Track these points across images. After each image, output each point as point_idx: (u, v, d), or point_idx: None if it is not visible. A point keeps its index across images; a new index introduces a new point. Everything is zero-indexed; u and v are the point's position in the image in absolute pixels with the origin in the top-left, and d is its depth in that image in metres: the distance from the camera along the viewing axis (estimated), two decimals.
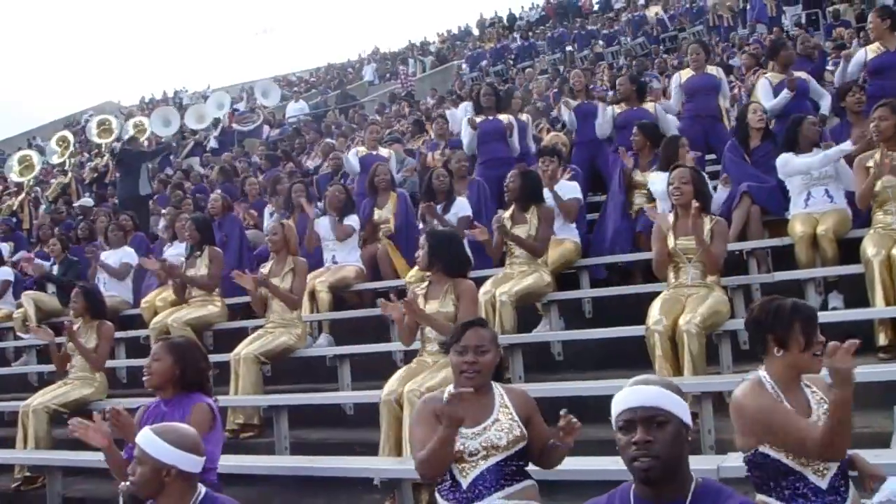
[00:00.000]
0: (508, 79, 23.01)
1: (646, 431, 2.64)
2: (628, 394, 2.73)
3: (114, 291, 9.94)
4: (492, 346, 3.82)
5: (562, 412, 3.54)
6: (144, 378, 4.72)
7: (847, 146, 6.72)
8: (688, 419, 2.72)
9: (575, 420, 3.51)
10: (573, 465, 4.01)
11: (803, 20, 20.60)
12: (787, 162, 6.93)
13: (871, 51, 8.39)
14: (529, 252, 6.92)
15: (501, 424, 3.69)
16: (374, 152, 10.36)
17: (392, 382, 5.61)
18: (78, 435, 4.28)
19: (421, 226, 8.00)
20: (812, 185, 6.80)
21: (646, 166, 8.00)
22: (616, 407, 2.74)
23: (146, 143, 18.10)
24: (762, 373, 3.35)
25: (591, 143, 9.47)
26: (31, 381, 9.53)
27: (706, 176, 6.88)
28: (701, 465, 4.11)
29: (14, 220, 16.36)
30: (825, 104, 8.73)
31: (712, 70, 9.50)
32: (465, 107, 11.76)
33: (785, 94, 8.39)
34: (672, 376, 5.38)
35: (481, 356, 3.74)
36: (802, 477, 3.18)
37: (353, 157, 10.45)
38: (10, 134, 34.80)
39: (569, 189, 7.75)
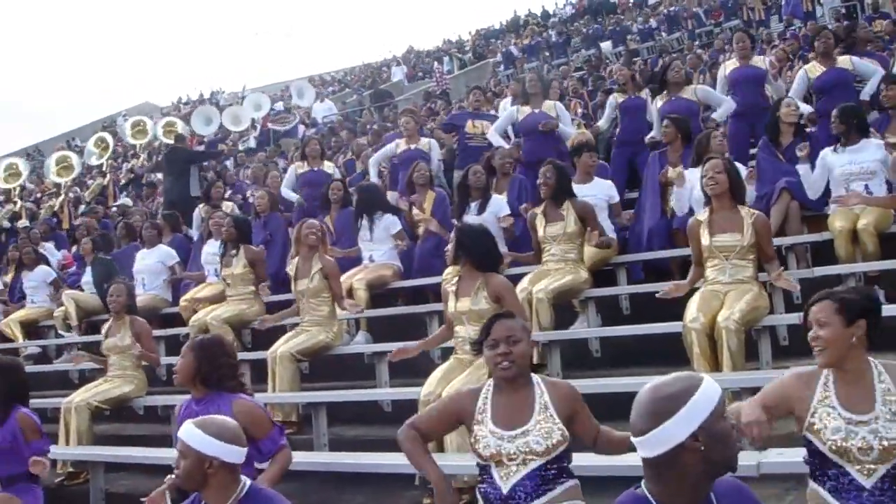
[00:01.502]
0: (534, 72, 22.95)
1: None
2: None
3: (153, 290, 10.06)
4: (524, 334, 3.76)
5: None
6: (173, 375, 4.80)
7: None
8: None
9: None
10: (606, 462, 3.97)
11: (842, 12, 20.39)
12: (822, 163, 6.94)
13: None
14: (603, 248, 7.15)
15: (541, 428, 3.60)
16: (413, 146, 10.25)
17: (430, 383, 5.62)
18: None
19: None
20: (852, 179, 6.72)
21: (677, 161, 7.94)
22: None
23: (190, 143, 18.28)
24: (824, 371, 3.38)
25: (631, 143, 9.45)
26: (72, 379, 9.66)
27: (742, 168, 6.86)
28: (741, 461, 4.08)
29: (55, 220, 16.61)
30: (866, 90, 8.49)
31: (758, 60, 9.28)
32: (505, 103, 11.73)
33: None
34: (710, 372, 5.36)
35: (514, 346, 3.68)
36: (844, 472, 3.16)
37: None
38: (50, 136, 35.21)
39: (611, 188, 7.74)
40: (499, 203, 8.09)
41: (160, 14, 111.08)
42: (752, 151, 8.84)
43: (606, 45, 25.80)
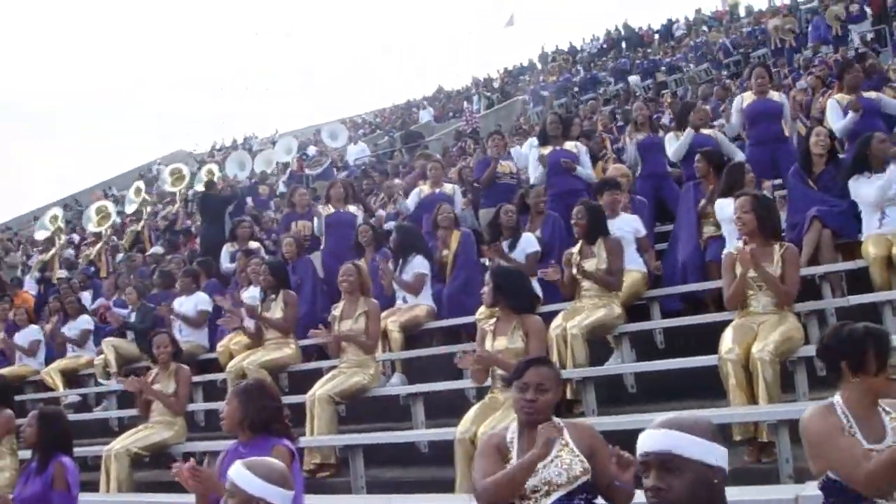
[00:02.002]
0: (572, 111, 23.06)
1: (658, 478, 2.50)
2: (643, 436, 2.59)
3: (190, 336, 10.16)
4: (553, 384, 3.82)
5: (612, 448, 3.44)
6: (220, 422, 4.88)
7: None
8: (717, 461, 2.51)
9: (626, 454, 3.33)
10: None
11: (871, 37, 20.35)
12: (855, 190, 6.87)
13: None
14: (604, 286, 6.94)
15: (562, 461, 3.65)
16: (438, 190, 10.39)
17: (466, 421, 5.65)
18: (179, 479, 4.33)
19: (487, 262, 8.04)
20: (886, 204, 6.66)
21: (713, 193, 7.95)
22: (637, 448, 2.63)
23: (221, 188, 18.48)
24: (836, 398, 3.34)
25: (654, 176, 9.53)
26: (111, 426, 9.75)
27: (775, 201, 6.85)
28: (779, 494, 4.06)
29: (92, 268, 16.83)
30: None
31: (775, 95, 9.33)
32: (531, 142, 11.80)
33: (852, 115, 8.28)
34: (747, 405, 5.34)
35: (541, 395, 3.75)
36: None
37: (411, 199, 10.53)
38: (86, 185, 35.74)
39: (632, 222, 7.75)
40: (528, 241, 8.11)
41: (160, 13, 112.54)
42: (777, 181, 8.87)
43: (634, 79, 25.90)
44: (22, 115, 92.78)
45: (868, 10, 22.62)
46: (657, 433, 2.52)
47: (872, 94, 8.62)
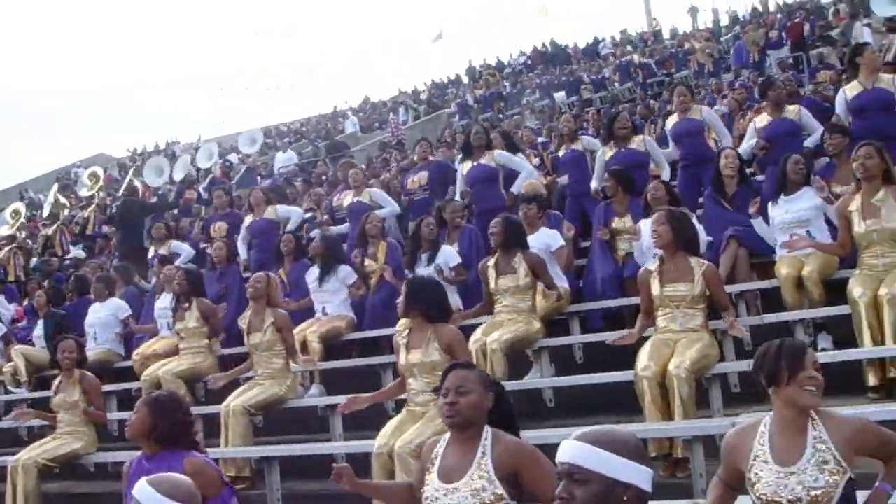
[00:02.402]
0: (498, 125, 23.21)
1: (566, 488, 2.50)
2: (560, 446, 2.59)
3: (105, 344, 9.93)
4: (475, 386, 3.66)
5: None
6: (125, 431, 4.72)
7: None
8: (628, 478, 2.48)
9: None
10: None
11: (789, 62, 20.90)
12: (770, 211, 7.11)
13: (850, 90, 8.33)
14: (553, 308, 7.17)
15: (472, 486, 3.51)
16: (359, 198, 10.36)
17: (384, 435, 5.62)
18: None
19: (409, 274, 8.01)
20: (793, 227, 6.82)
21: (623, 212, 8.06)
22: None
23: (143, 195, 18.14)
24: (768, 415, 3.43)
25: (579, 192, 9.60)
26: (21, 436, 9.47)
27: (694, 216, 6.97)
28: None
29: (2, 271, 16.34)
30: (812, 139, 8.52)
31: (697, 113, 9.26)
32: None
33: (754, 143, 8.46)
34: (662, 421, 5.41)
35: (462, 397, 3.61)
36: None
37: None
38: (3, 186, 34.91)
39: (552, 237, 7.79)
40: (448, 253, 8.10)
41: (160, 13, 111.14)
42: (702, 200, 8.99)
43: (560, 95, 26.17)
44: (22, 115, 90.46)
45: (786, 37, 23.32)
46: (571, 444, 2.53)
47: (793, 110, 8.70)
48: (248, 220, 10.83)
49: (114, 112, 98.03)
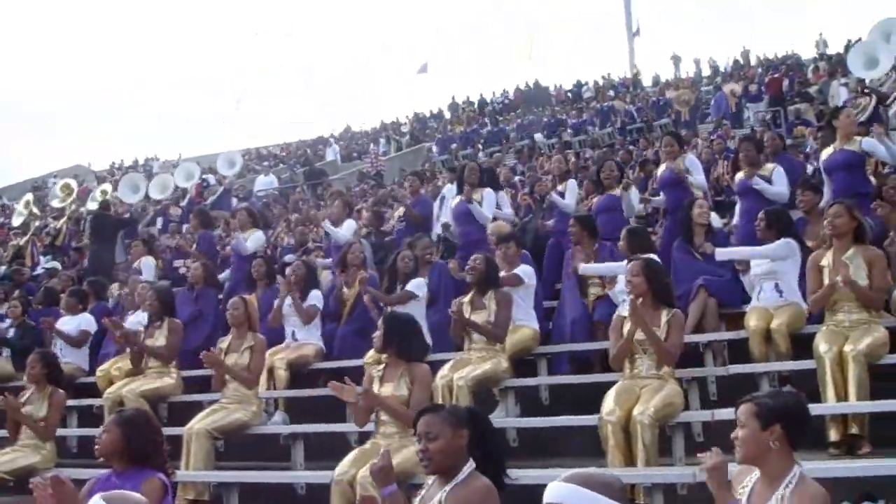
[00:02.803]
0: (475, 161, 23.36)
1: None
2: (548, 487, 2.70)
3: (69, 358, 9.84)
4: (444, 429, 3.75)
5: None
6: (95, 449, 4.69)
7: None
8: None
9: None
10: None
11: (767, 117, 21.19)
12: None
13: (825, 153, 8.53)
14: (488, 338, 6.97)
15: None
16: (339, 228, 10.37)
17: (345, 464, 5.60)
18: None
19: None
20: (762, 279, 6.90)
21: (589, 256, 8.11)
22: None
23: (115, 210, 18.04)
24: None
25: (563, 232, 9.38)
26: None
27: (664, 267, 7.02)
28: None
29: None
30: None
31: (682, 162, 9.26)
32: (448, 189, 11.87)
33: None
34: (625, 467, 5.42)
35: (431, 442, 3.72)
36: None
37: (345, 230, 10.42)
38: None
39: (528, 275, 7.82)
40: (417, 284, 8.10)
41: (160, 13, 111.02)
42: None
43: (540, 137, 26.36)
44: (22, 115, 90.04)
45: (765, 91, 23.68)
46: (559, 485, 2.66)
47: (769, 168, 8.76)
48: (231, 239, 10.86)
49: (114, 112, 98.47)
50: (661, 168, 9.53)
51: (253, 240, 10.63)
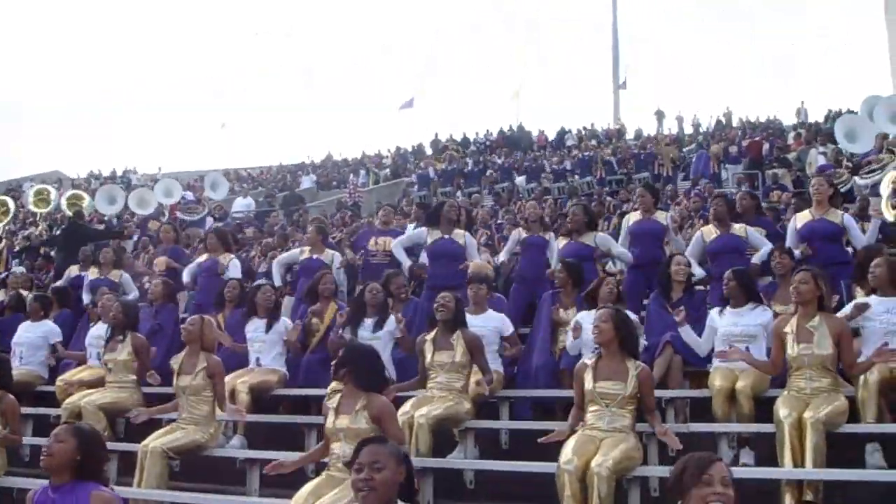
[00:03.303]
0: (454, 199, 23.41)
1: None
2: None
3: (30, 365, 9.75)
4: (389, 461, 3.67)
5: None
6: (42, 458, 4.53)
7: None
8: None
9: None
10: None
11: (743, 180, 21.43)
12: (711, 322, 7.28)
13: (800, 219, 8.70)
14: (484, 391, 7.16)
15: None
16: (317, 255, 10.37)
17: (300, 496, 5.55)
18: None
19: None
20: (733, 341, 6.96)
21: (569, 304, 8.16)
22: None
23: (89, 220, 17.97)
24: None
25: (532, 278, 9.49)
26: None
27: (635, 317, 7.07)
28: None
29: None
30: (758, 256, 8.72)
31: (660, 216, 9.50)
32: (410, 227, 11.89)
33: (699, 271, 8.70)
34: None
35: (376, 473, 3.62)
36: None
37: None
38: None
39: (503, 322, 7.85)
40: (393, 322, 8.10)
41: (160, 13, 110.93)
42: (646, 302, 9.11)
43: (520, 180, 26.50)
44: (22, 115, 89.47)
45: (745, 153, 23.96)
46: None
47: (741, 229, 8.90)
48: (202, 257, 10.85)
49: (114, 112, 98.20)
50: (634, 218, 9.60)
51: (233, 267, 10.63)
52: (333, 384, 6.85)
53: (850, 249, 8.88)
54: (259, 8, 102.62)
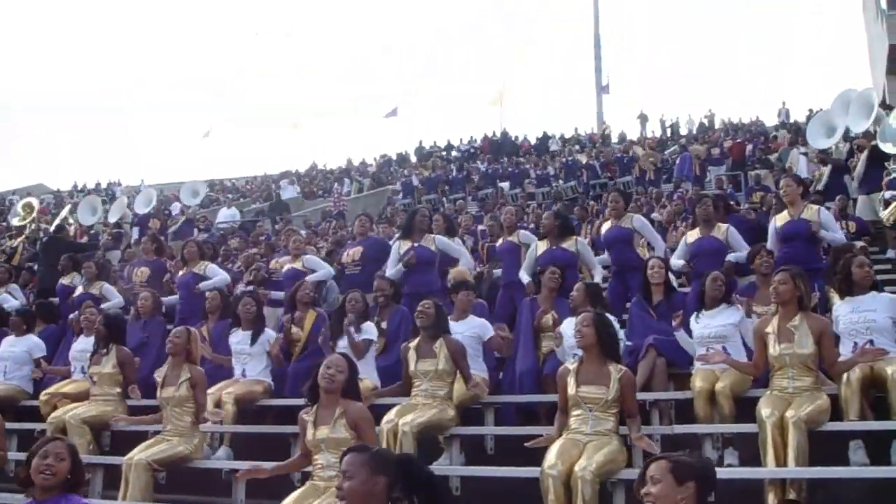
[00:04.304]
0: (440, 208, 23.43)
1: None
2: None
3: (14, 380, 9.72)
4: (360, 471, 3.68)
5: None
6: (45, 475, 4.55)
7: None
8: None
9: None
10: None
11: (727, 181, 21.55)
12: (691, 324, 7.32)
13: (780, 219, 8.72)
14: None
15: None
16: (298, 266, 10.41)
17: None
18: None
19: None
20: (709, 342, 7.02)
21: (548, 308, 8.18)
22: None
23: (73, 233, 17.90)
24: None
25: (511, 283, 9.54)
26: None
27: (614, 321, 7.09)
28: None
29: None
30: (738, 255, 8.67)
31: (627, 221, 9.43)
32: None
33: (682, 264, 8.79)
34: None
35: (344, 482, 3.67)
36: None
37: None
38: None
39: (483, 327, 7.86)
40: (369, 329, 8.14)
41: (160, 13, 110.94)
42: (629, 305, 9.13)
43: (505, 186, 26.55)
44: (21, 115, 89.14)
45: (727, 154, 24.07)
46: None
47: (721, 228, 8.93)
48: (181, 272, 10.83)
49: (114, 112, 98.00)
50: (606, 225, 9.65)
51: (211, 272, 10.64)
52: None
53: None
54: (259, 8, 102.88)
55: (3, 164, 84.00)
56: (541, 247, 9.24)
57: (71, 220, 19.31)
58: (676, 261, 8.86)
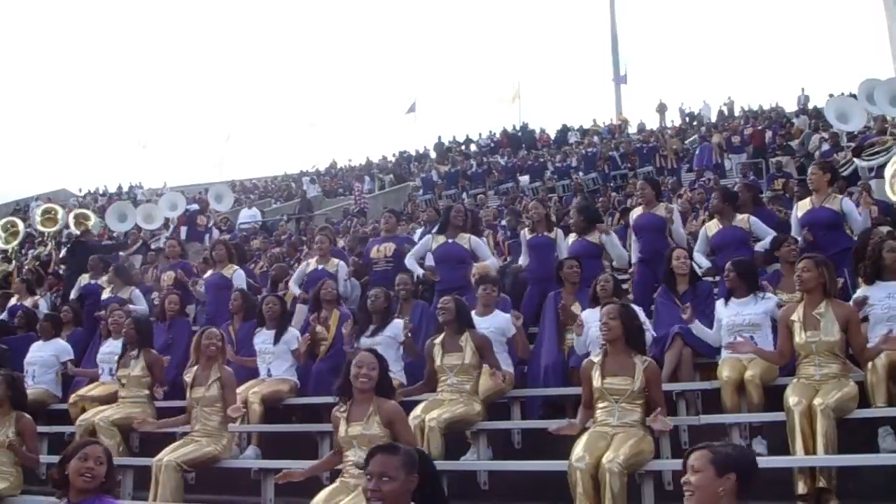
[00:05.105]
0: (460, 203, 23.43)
1: None
2: None
3: (43, 384, 9.81)
4: (399, 472, 3.71)
5: None
6: (85, 478, 4.66)
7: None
8: None
9: None
10: None
11: (749, 170, 21.42)
12: (718, 313, 7.29)
13: (802, 207, 8.71)
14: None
15: None
16: (323, 266, 10.41)
17: (317, 502, 5.56)
18: None
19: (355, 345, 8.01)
20: (737, 331, 6.98)
21: (571, 301, 8.18)
22: None
23: (98, 237, 18.00)
24: None
25: (541, 278, 9.39)
26: None
27: (641, 311, 7.07)
28: None
29: None
30: (763, 243, 8.71)
31: (660, 209, 9.43)
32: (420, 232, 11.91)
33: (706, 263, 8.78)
34: None
35: (384, 484, 3.68)
36: None
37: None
38: None
39: (507, 323, 7.86)
40: (397, 326, 8.12)
41: (160, 13, 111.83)
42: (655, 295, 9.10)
43: (524, 179, 26.49)
44: (20, 115, 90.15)
45: (748, 142, 23.91)
46: None
47: (744, 220, 8.90)
48: (207, 273, 10.89)
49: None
50: (636, 212, 9.63)
51: (237, 278, 10.66)
52: None
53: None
54: (259, 8, 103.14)
55: (25, 170, 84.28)
56: (571, 238, 9.32)
57: (94, 224, 19.36)
58: (700, 257, 8.81)
